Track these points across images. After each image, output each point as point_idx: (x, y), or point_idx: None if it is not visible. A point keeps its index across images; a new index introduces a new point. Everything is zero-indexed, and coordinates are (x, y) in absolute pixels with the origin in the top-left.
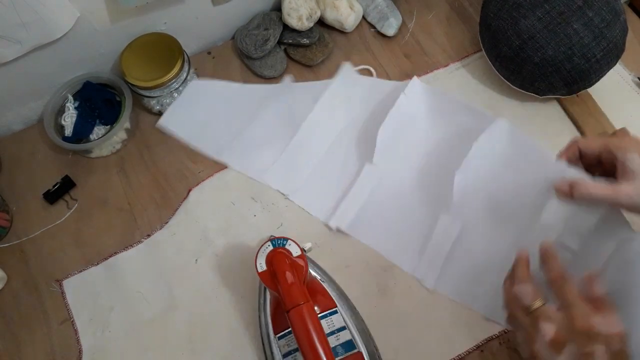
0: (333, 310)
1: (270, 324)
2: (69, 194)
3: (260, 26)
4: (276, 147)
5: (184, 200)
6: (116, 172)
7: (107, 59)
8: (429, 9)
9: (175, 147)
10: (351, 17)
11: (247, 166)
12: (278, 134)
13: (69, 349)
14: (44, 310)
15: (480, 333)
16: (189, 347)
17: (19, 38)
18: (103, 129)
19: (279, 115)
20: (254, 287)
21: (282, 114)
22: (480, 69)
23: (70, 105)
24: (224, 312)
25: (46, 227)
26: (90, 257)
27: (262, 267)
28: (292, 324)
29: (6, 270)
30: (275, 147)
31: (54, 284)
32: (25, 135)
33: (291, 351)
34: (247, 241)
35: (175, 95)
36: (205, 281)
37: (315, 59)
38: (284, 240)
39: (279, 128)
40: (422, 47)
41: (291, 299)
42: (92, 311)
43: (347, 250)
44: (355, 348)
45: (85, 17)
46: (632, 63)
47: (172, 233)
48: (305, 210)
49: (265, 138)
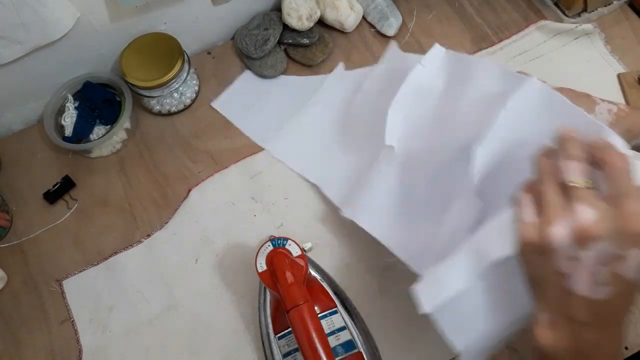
0: (333, 310)
1: (270, 324)
2: (69, 194)
3: (260, 26)
4: (319, 140)
5: (184, 200)
6: (116, 172)
7: (107, 59)
8: (429, 9)
9: (175, 147)
10: (351, 17)
11: (288, 156)
12: (323, 128)
13: (69, 349)
14: (44, 310)
15: None
16: (189, 347)
17: (19, 38)
18: (103, 129)
19: (327, 109)
20: (254, 287)
21: (330, 106)
22: None
23: (70, 105)
24: (224, 312)
25: (46, 227)
26: (90, 257)
27: (262, 267)
28: (292, 324)
29: (6, 270)
30: (318, 141)
31: (54, 284)
32: (25, 135)
33: (291, 351)
34: (247, 241)
35: (175, 96)
36: (205, 281)
37: (315, 59)
38: (284, 240)
39: (326, 123)
40: (422, 47)
41: (291, 299)
42: (92, 311)
43: (347, 250)
44: (355, 348)
45: (85, 17)
46: (632, 63)
47: (172, 233)
48: (330, 199)
49: (309, 130)
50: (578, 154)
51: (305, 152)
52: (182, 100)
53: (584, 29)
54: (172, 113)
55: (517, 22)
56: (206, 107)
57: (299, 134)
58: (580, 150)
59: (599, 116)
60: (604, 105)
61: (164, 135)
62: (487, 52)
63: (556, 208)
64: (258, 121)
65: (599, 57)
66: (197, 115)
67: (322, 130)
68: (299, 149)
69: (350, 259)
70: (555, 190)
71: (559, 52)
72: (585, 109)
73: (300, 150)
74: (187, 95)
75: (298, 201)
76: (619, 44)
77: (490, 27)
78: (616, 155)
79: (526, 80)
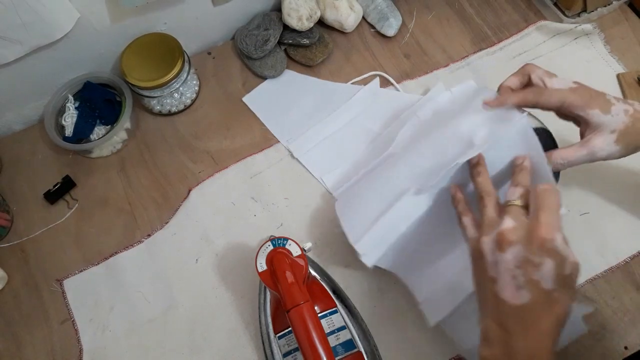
0: (333, 310)
1: (270, 324)
2: (70, 194)
3: (260, 26)
4: (345, 154)
5: (184, 200)
6: (116, 172)
7: (107, 59)
8: (429, 9)
9: (175, 147)
10: (351, 18)
11: (311, 163)
12: (348, 140)
13: (70, 349)
14: (45, 310)
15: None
16: (189, 346)
17: (20, 38)
18: (103, 129)
19: (353, 123)
20: (254, 287)
21: (356, 122)
22: (480, 69)
23: (71, 106)
24: (224, 312)
25: (47, 227)
26: (90, 257)
27: (262, 266)
28: (292, 323)
29: (7, 270)
30: (344, 155)
31: (54, 283)
32: (26, 135)
33: (291, 351)
34: (247, 241)
35: (175, 96)
36: (205, 281)
37: (315, 59)
38: (284, 240)
39: (351, 136)
40: (422, 47)
41: (291, 298)
42: (93, 311)
43: (347, 250)
44: (355, 348)
45: (86, 18)
46: (632, 63)
47: (172, 233)
48: (340, 221)
49: (334, 140)
50: (524, 183)
51: (327, 159)
52: (182, 100)
53: (584, 29)
54: (173, 113)
55: (516, 23)
56: (206, 107)
57: (324, 141)
58: (526, 180)
59: (615, 117)
60: (620, 105)
61: (164, 136)
62: (486, 52)
63: (489, 222)
64: (284, 120)
65: (599, 57)
66: (197, 115)
67: (346, 140)
68: (322, 155)
69: (350, 259)
70: (494, 208)
71: (559, 53)
72: (600, 110)
73: (323, 156)
74: (187, 95)
75: (298, 201)
76: (618, 44)
77: (490, 27)
78: (547, 185)
79: (515, 118)
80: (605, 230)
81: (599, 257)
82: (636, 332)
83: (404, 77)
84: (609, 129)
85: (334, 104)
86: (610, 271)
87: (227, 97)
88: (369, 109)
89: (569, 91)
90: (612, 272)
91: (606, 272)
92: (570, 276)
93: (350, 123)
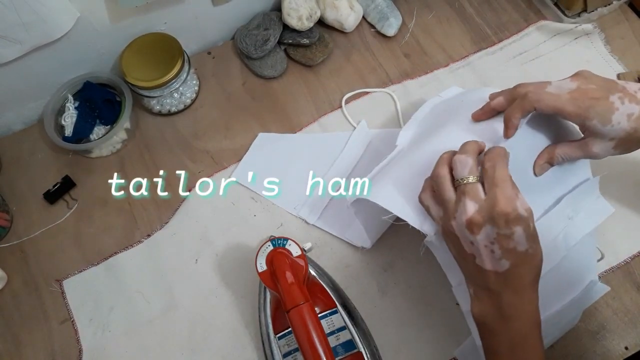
0: (333, 310)
1: (270, 324)
2: (69, 194)
3: (260, 26)
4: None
5: (184, 200)
6: (116, 172)
7: (107, 59)
8: (429, 9)
9: (175, 147)
10: (351, 17)
11: (328, 225)
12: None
13: (69, 349)
14: (44, 310)
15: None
16: (189, 347)
17: (19, 38)
18: (103, 129)
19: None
20: (254, 287)
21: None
22: (480, 69)
23: (71, 105)
24: (224, 312)
25: (46, 227)
26: (90, 257)
27: (262, 267)
28: (292, 323)
29: (6, 270)
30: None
31: (54, 284)
32: (25, 135)
33: (291, 351)
34: (247, 241)
35: (175, 96)
36: (205, 281)
37: (315, 59)
38: (284, 240)
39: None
40: (422, 47)
41: (291, 299)
42: (92, 311)
43: (347, 250)
44: (355, 348)
45: (85, 17)
46: (632, 63)
47: (172, 233)
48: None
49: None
50: (474, 150)
51: (341, 217)
52: (182, 100)
53: (584, 29)
54: (172, 113)
55: (517, 22)
56: (206, 107)
57: (332, 201)
58: (472, 150)
59: (616, 126)
60: (624, 108)
61: (164, 135)
62: (486, 52)
63: (451, 204)
64: (282, 188)
65: (599, 57)
66: (197, 115)
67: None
68: (335, 215)
69: (350, 259)
70: (450, 187)
71: (559, 52)
72: (599, 121)
73: (335, 216)
74: (187, 95)
75: None
76: (618, 44)
77: (490, 27)
78: (493, 152)
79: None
80: (605, 230)
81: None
82: (636, 332)
83: (404, 76)
84: (608, 137)
85: (329, 157)
86: (610, 271)
87: (227, 97)
88: (366, 155)
89: (566, 100)
90: (612, 272)
91: (606, 272)
92: (533, 227)
93: (352, 174)
